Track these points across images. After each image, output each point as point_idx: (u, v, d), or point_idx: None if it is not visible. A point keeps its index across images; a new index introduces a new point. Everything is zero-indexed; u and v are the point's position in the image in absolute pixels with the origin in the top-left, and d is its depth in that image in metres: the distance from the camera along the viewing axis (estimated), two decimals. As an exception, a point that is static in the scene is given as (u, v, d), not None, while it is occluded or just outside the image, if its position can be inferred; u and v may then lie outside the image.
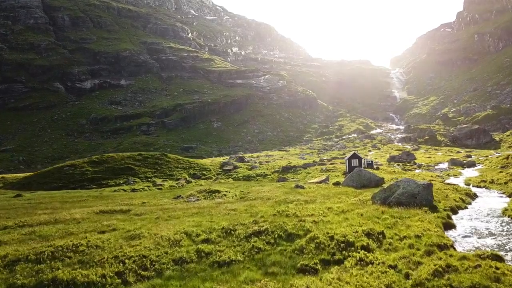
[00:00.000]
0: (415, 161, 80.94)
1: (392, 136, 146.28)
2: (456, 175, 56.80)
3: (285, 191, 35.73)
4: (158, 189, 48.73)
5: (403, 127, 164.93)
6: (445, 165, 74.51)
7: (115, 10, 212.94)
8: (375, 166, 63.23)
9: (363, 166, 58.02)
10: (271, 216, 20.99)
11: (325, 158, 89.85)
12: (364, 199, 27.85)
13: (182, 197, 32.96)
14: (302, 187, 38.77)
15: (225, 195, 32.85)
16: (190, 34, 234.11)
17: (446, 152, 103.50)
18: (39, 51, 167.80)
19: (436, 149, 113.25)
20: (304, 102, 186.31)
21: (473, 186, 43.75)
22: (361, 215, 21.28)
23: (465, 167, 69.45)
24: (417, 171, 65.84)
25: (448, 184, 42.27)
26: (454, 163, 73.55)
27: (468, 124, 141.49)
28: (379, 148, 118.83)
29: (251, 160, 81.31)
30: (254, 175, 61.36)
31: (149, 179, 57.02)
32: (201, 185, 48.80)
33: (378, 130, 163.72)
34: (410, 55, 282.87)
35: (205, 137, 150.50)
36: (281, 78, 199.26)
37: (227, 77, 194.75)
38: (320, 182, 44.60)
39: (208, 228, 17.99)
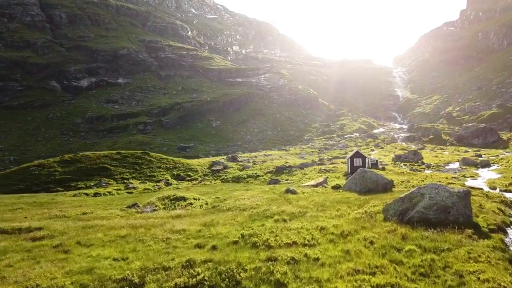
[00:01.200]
0: (423, 160, 72.65)
1: (396, 135, 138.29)
2: (473, 176, 48.43)
3: (272, 197, 27.65)
4: (129, 192, 40.79)
5: (406, 126, 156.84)
6: (456, 165, 66.21)
7: (113, 7, 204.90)
8: (380, 166, 54.96)
9: (367, 166, 49.84)
10: (228, 246, 12.98)
11: (325, 157, 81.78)
12: (372, 211, 19.75)
13: (138, 206, 25.00)
14: (294, 192, 30.69)
15: (191, 203, 24.84)
16: (190, 33, 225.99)
17: (453, 152, 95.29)
18: (35, 49, 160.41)
19: (442, 148, 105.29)
20: (305, 101, 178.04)
21: (500, 190, 35.48)
22: (371, 243, 13.17)
23: (479, 167, 61.12)
24: (426, 171, 57.62)
25: (473, 188, 33.95)
26: (466, 162, 65.18)
27: (473, 123, 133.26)
28: (382, 148, 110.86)
29: (244, 159, 73.30)
30: (245, 176, 53.32)
31: (125, 181, 49.07)
32: (178, 188, 40.81)
33: (381, 130, 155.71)
34: (412, 54, 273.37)
35: (203, 137, 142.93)
36: (281, 76, 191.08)
37: (227, 76, 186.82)
38: (317, 185, 36.45)
39: (99, 278, 9.97)
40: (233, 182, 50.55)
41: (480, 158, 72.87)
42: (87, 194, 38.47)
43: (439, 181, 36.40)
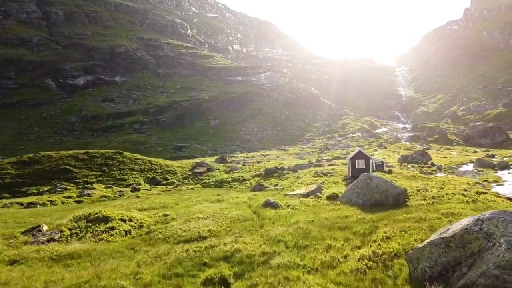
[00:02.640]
0: (432, 161, 63.71)
1: (399, 135, 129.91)
2: (497, 181, 39.67)
3: (241, 215, 19.16)
4: (78, 202, 32.38)
5: (409, 126, 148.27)
6: (469, 167, 57.45)
7: (112, 5, 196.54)
8: (386, 169, 46.08)
9: (371, 168, 40.93)
10: None
11: (325, 158, 73.06)
12: (386, 253, 11.27)
13: (40, 231, 16.74)
14: (275, 206, 22.18)
15: (112, 228, 16.41)
16: (189, 31, 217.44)
17: (461, 152, 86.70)
18: (31, 46, 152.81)
19: (449, 149, 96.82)
20: (306, 100, 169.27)
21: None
22: None
23: (497, 170, 52.34)
24: (439, 174, 48.93)
25: (510, 199, 25.16)
26: (482, 164, 56.25)
27: (480, 122, 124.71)
28: (385, 148, 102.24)
29: (235, 160, 64.72)
30: (230, 180, 44.90)
31: (87, 185, 40.63)
32: (137, 196, 32.22)
33: (384, 129, 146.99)
34: (415, 53, 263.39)
35: (201, 136, 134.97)
36: (282, 75, 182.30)
37: (227, 74, 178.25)
38: (308, 194, 27.78)
39: None
40: (215, 187, 42.33)
41: (494, 159, 64.46)
42: (21, 204, 30.24)
43: (465, 190, 27.52)
